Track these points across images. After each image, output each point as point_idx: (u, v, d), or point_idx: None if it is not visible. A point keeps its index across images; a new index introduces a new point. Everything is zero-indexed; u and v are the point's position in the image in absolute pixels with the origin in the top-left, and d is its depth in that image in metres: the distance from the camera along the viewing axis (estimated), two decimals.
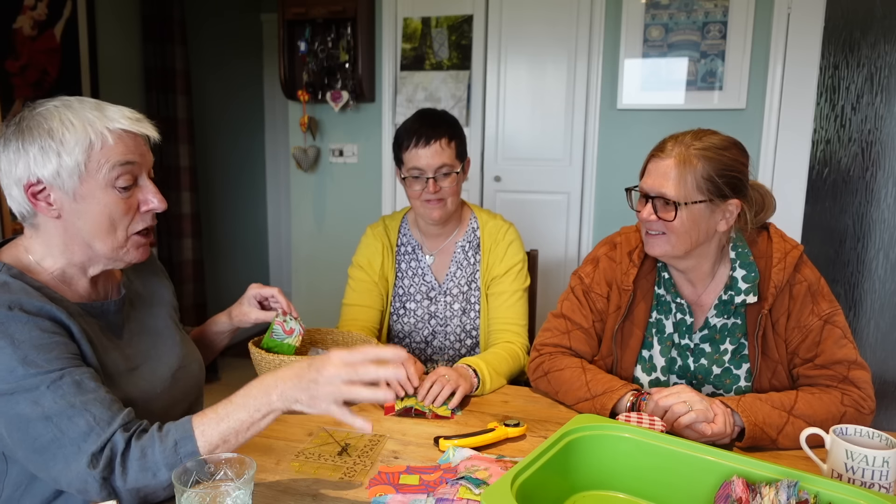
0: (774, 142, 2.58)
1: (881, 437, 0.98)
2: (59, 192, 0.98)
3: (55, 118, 0.97)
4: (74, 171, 0.97)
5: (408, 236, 1.75)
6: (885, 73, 2.70)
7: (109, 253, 1.03)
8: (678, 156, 1.21)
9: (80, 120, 0.98)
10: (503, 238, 1.68)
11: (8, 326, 0.90)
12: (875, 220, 2.79)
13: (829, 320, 1.23)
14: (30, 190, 0.98)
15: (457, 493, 0.97)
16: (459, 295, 1.69)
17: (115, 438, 0.89)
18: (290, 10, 2.96)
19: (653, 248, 1.28)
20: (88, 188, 0.99)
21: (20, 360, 0.89)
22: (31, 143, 0.97)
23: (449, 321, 1.70)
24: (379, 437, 1.18)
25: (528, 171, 2.91)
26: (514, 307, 1.65)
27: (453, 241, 1.72)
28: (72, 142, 0.96)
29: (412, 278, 1.72)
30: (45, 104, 1.00)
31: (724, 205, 1.22)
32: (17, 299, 0.93)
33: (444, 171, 1.58)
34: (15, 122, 0.99)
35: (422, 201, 1.60)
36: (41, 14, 3.27)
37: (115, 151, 0.99)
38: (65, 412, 0.88)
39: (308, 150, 3.19)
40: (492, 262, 1.67)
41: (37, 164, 0.97)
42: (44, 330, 0.93)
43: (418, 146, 1.57)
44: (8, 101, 3.15)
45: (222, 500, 0.81)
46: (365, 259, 1.72)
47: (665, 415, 1.13)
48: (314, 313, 3.33)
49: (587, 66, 2.76)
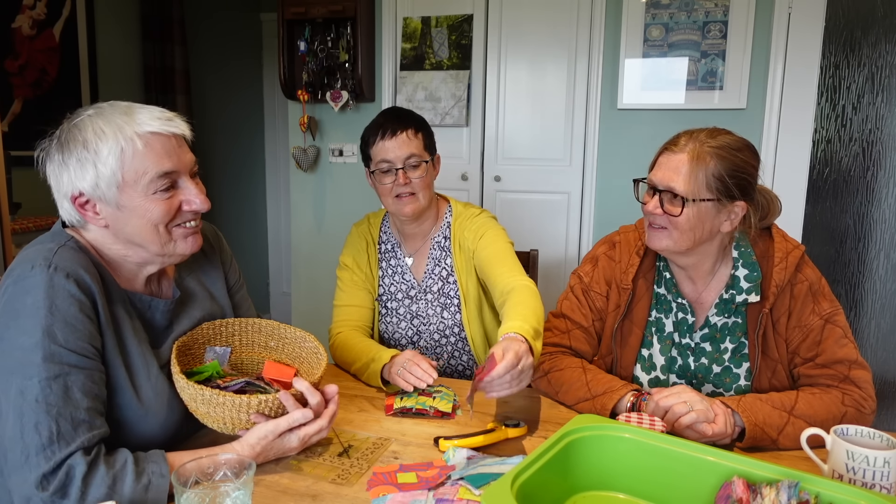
0: (775, 142, 2.58)
1: (882, 437, 0.98)
2: (102, 202, 1.00)
3: (89, 128, 0.98)
4: (112, 180, 0.98)
5: (388, 234, 1.73)
6: (886, 73, 2.69)
7: (160, 250, 1.04)
8: (692, 151, 1.20)
9: (111, 127, 0.98)
10: (471, 223, 1.63)
11: (56, 293, 0.91)
12: (876, 220, 2.79)
13: (829, 320, 1.23)
14: (76, 202, 1.00)
15: (457, 493, 0.97)
16: (438, 292, 1.67)
17: (73, 461, 0.87)
18: (290, 10, 2.96)
19: (654, 242, 1.27)
20: (128, 197, 0.99)
21: (45, 328, 0.89)
22: (69, 155, 0.98)
23: (431, 319, 1.68)
24: (383, 441, 1.18)
25: (528, 171, 2.91)
26: (508, 256, 1.54)
27: (430, 237, 1.69)
28: (105, 151, 0.97)
29: (392, 277, 1.70)
30: (80, 114, 1.01)
31: (731, 206, 1.22)
32: (76, 272, 0.94)
33: (412, 161, 1.55)
34: (56, 136, 1.01)
35: (393, 198, 1.57)
36: (40, 13, 3.26)
37: (149, 158, 0.99)
38: (36, 415, 0.87)
39: (308, 149, 3.19)
40: (463, 237, 1.62)
41: (77, 177, 0.98)
42: (82, 311, 0.93)
43: (385, 138, 1.55)
44: (7, 101, 3.15)
45: (222, 500, 0.81)
46: (350, 258, 1.71)
47: (666, 415, 1.13)
48: (314, 313, 3.33)
49: (587, 66, 2.76)
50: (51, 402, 0.88)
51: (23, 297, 0.91)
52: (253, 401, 1.01)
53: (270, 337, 1.24)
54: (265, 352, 1.25)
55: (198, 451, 1.00)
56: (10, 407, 0.88)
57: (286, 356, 1.24)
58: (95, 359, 0.95)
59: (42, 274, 0.92)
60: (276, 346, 1.24)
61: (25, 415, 0.87)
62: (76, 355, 0.92)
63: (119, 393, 0.99)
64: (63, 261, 0.94)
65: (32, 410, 0.87)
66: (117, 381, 0.99)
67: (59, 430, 0.87)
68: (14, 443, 0.87)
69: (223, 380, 1.12)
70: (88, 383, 0.93)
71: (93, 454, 0.89)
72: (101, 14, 3.58)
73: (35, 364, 0.89)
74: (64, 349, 0.90)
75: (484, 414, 1.31)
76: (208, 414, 1.03)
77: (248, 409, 1.01)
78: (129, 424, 1.00)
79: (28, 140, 3.67)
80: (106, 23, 3.62)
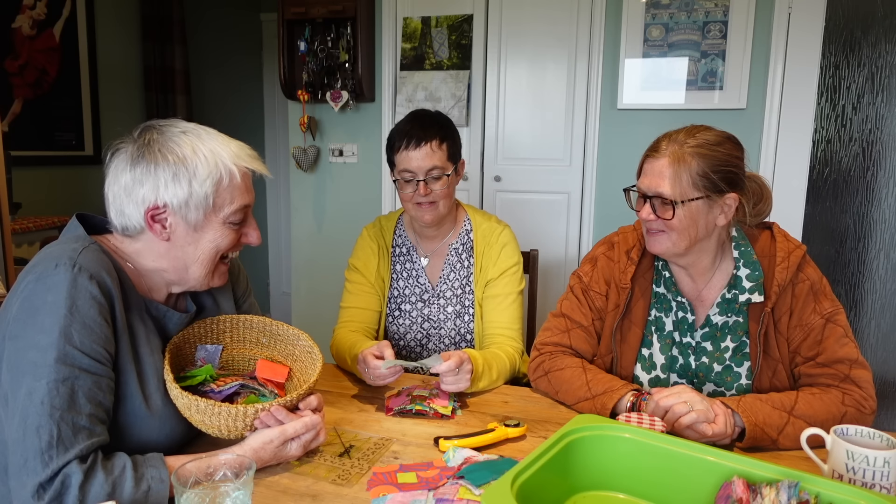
0: (775, 142, 2.58)
1: (882, 437, 0.98)
2: (180, 219, 1.01)
3: (188, 146, 1.00)
4: (202, 203, 1.00)
5: (403, 237, 1.73)
6: (886, 73, 2.70)
7: (201, 278, 1.07)
8: (672, 154, 1.21)
9: (212, 153, 1.01)
10: (497, 241, 1.66)
11: (79, 293, 0.91)
12: (876, 220, 2.79)
13: (830, 319, 1.23)
14: (150, 213, 1.00)
15: (457, 493, 0.97)
16: (453, 298, 1.67)
17: (69, 470, 0.86)
18: (290, 10, 2.96)
19: (654, 246, 1.28)
20: (209, 221, 1.02)
21: (63, 328, 0.89)
22: (164, 167, 0.99)
23: (443, 324, 1.68)
24: (384, 441, 1.18)
25: (528, 171, 2.91)
26: (507, 310, 1.62)
27: (447, 243, 1.70)
28: (204, 173, 0.99)
29: (406, 280, 1.71)
30: (171, 128, 1.02)
31: (722, 199, 1.23)
32: (99, 274, 0.94)
33: (434, 173, 1.56)
34: (144, 143, 1.01)
35: (413, 204, 1.58)
36: (40, 13, 3.26)
37: (239, 191, 1.03)
38: (39, 418, 0.87)
39: (308, 149, 3.19)
40: (485, 264, 1.65)
41: (166, 190, 0.99)
42: (101, 314, 0.93)
43: (409, 148, 1.55)
44: (7, 101, 3.15)
45: (222, 500, 0.81)
46: (361, 261, 1.70)
47: (666, 415, 1.13)
48: (314, 313, 3.33)
49: (587, 66, 2.76)
50: (55, 405, 0.88)
51: (44, 294, 0.91)
52: (250, 410, 1.01)
53: (262, 333, 1.23)
54: (257, 348, 1.24)
55: (198, 454, 0.99)
56: (18, 407, 0.88)
57: (278, 353, 1.23)
58: (107, 364, 0.95)
59: (66, 273, 0.91)
60: (267, 342, 1.24)
61: (29, 417, 0.87)
62: (89, 359, 0.91)
63: (129, 399, 0.99)
64: (87, 262, 0.94)
65: (36, 413, 0.87)
66: (128, 388, 0.99)
67: (60, 435, 0.87)
68: (16, 445, 0.87)
69: (217, 383, 1.12)
70: (95, 389, 0.92)
71: (89, 461, 0.88)
72: (101, 14, 3.58)
73: (47, 365, 0.88)
74: (78, 351, 0.90)
75: (484, 414, 1.31)
76: (203, 422, 1.02)
77: (245, 417, 1.02)
78: (137, 431, 1.00)
79: (28, 140, 3.68)
80: (106, 23, 3.62)
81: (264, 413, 1.02)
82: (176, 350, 1.11)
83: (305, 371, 1.19)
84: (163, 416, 1.03)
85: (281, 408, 1.04)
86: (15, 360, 0.90)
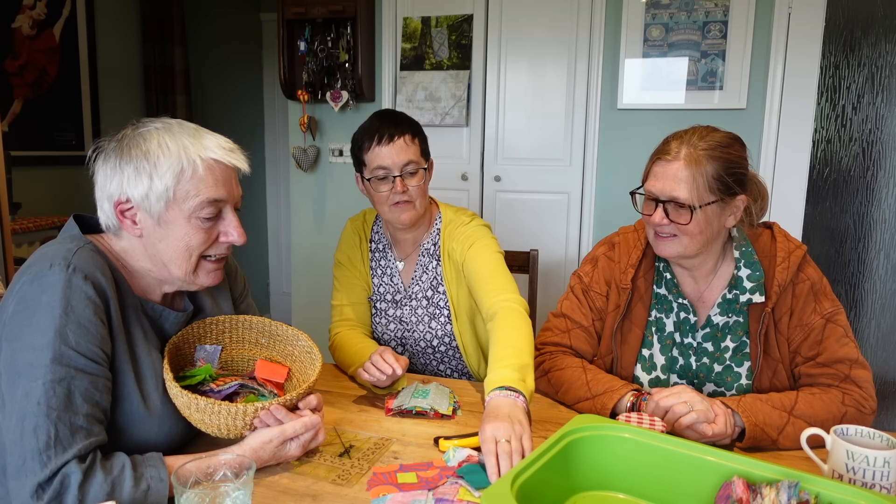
0: (775, 142, 2.58)
1: (882, 437, 0.98)
2: (145, 213, 1.01)
3: (153, 140, 1.00)
4: (162, 195, 0.99)
5: (380, 233, 1.69)
6: (886, 73, 2.69)
7: (183, 276, 1.05)
8: (687, 157, 1.19)
9: (176, 145, 1.00)
10: (459, 224, 1.59)
11: (73, 293, 0.91)
12: (876, 221, 2.79)
13: (831, 319, 1.23)
14: (118, 207, 1.01)
15: (457, 493, 0.97)
16: (424, 300, 1.62)
17: (68, 470, 0.86)
18: (290, 10, 2.96)
19: (664, 250, 1.27)
20: (172, 215, 1.01)
21: (58, 328, 0.89)
22: (127, 161, 0.99)
23: (415, 327, 1.63)
24: (384, 441, 1.18)
25: (528, 171, 2.91)
26: (497, 269, 1.48)
27: (420, 243, 1.64)
28: (164, 166, 0.99)
29: (381, 278, 1.67)
30: (148, 125, 1.02)
31: (734, 201, 1.22)
32: (93, 274, 0.94)
33: (410, 168, 1.51)
34: (117, 139, 1.02)
35: (390, 205, 1.52)
36: (40, 13, 3.26)
37: (204, 183, 1.01)
38: (36, 418, 0.86)
39: (308, 149, 3.19)
40: (452, 248, 1.57)
41: (129, 184, 0.99)
42: (97, 314, 0.93)
43: (381, 144, 1.49)
44: (7, 101, 3.15)
45: (222, 500, 0.81)
46: (344, 255, 1.68)
47: (666, 415, 1.13)
48: (314, 313, 3.33)
49: (587, 66, 2.76)
50: (52, 405, 0.87)
51: (38, 295, 0.91)
52: (249, 408, 1.01)
53: (261, 334, 1.23)
54: (256, 349, 1.24)
55: (198, 454, 0.99)
56: (15, 408, 0.88)
57: (277, 353, 1.23)
58: (103, 364, 0.95)
59: (60, 273, 0.91)
60: (266, 343, 1.23)
61: (26, 417, 0.87)
62: (84, 359, 0.91)
63: (127, 399, 0.99)
64: (82, 262, 0.94)
65: (33, 413, 0.87)
66: (125, 388, 0.99)
67: (57, 435, 0.87)
68: (14, 446, 0.87)
69: (216, 382, 1.12)
70: (91, 389, 0.92)
71: (88, 461, 0.88)
72: (101, 14, 3.58)
73: (43, 365, 0.88)
74: (73, 352, 0.90)
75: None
76: (202, 421, 1.02)
77: (244, 416, 1.01)
78: (136, 431, 1.00)
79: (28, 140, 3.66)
80: (106, 23, 3.62)
81: (264, 412, 1.02)
82: (175, 350, 1.11)
83: (305, 371, 1.19)
84: (161, 416, 1.03)
85: (280, 407, 1.04)
86: (11, 361, 0.90)
